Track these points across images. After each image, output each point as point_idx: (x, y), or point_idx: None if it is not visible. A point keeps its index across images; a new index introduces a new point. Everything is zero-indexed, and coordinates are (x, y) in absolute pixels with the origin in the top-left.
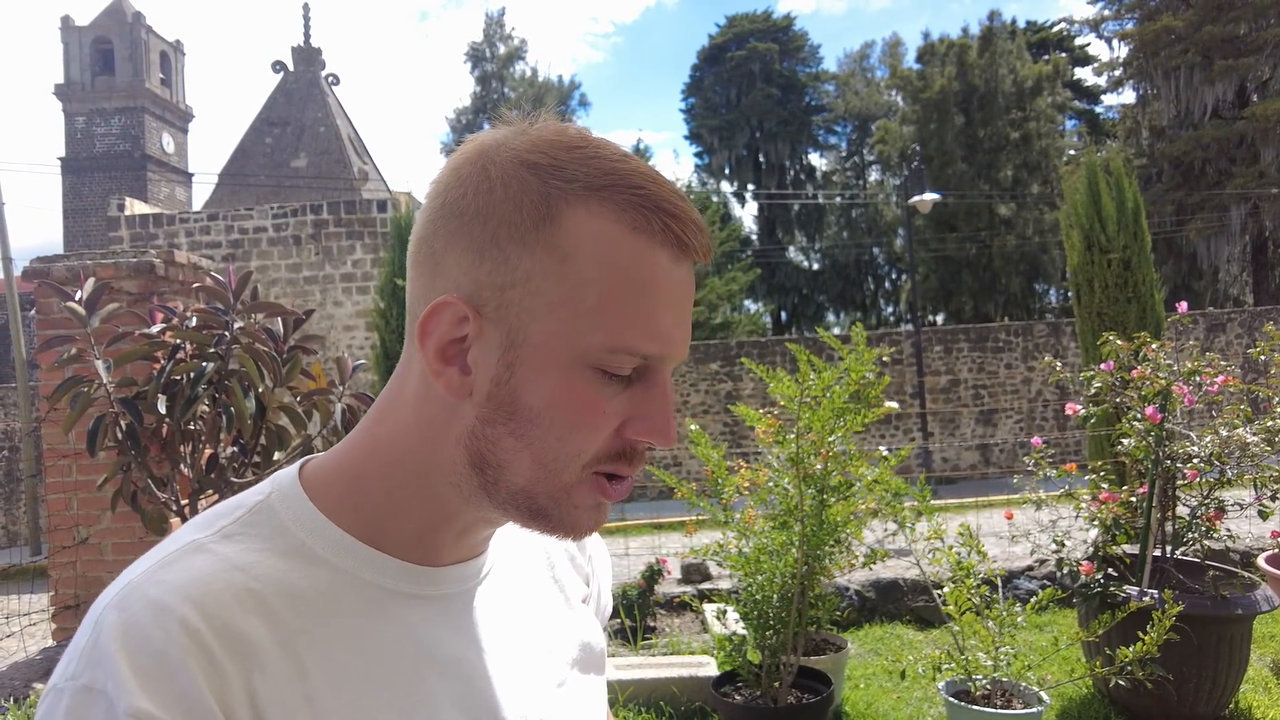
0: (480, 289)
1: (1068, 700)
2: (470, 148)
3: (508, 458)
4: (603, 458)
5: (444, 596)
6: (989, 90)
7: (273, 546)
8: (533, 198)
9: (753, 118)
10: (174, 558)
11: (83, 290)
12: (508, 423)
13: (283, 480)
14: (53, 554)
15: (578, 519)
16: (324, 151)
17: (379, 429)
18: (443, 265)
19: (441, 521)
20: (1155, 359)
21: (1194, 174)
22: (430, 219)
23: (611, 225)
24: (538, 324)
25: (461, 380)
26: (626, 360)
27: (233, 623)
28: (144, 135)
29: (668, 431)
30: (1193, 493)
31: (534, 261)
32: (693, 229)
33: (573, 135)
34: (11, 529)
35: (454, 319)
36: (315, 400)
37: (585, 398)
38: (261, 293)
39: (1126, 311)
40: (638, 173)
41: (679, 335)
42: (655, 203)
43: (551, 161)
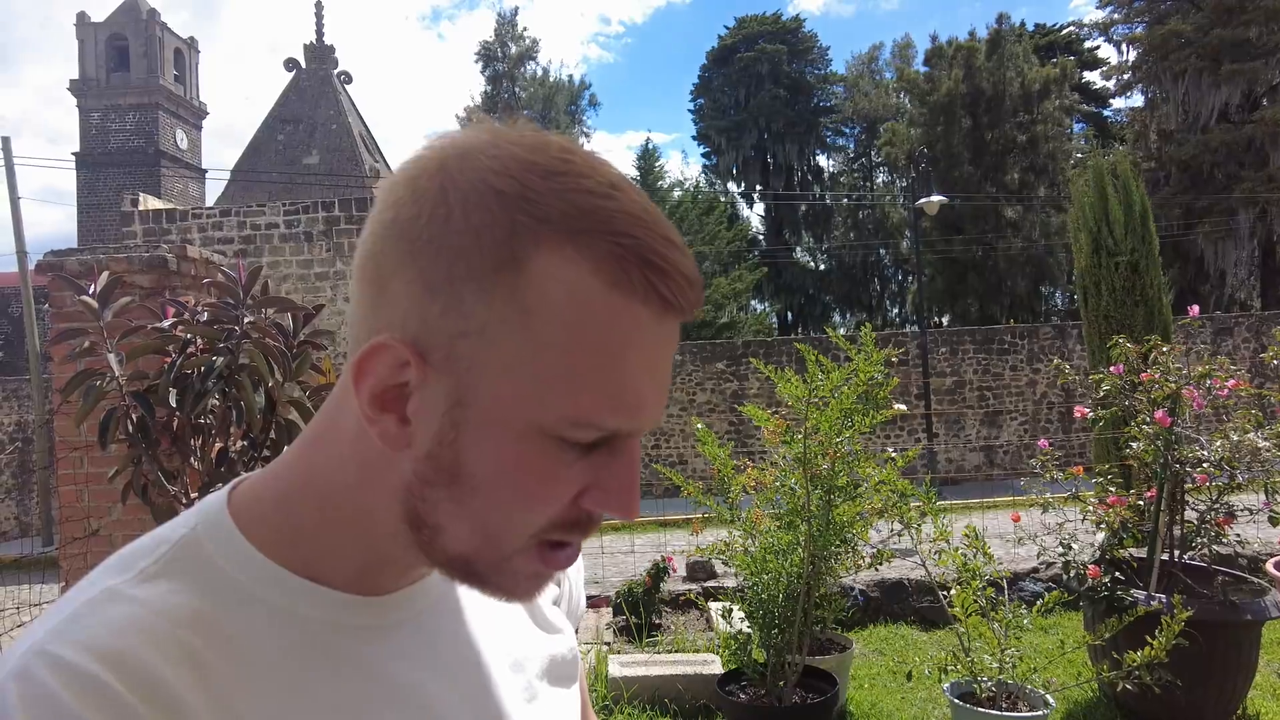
0: (429, 332)
1: (1073, 704)
2: (432, 156)
3: (444, 522)
4: (553, 527)
5: (394, 625)
6: (996, 93)
7: (198, 586)
8: (496, 235)
9: (761, 118)
10: (84, 610)
11: (96, 284)
12: (448, 487)
13: (209, 510)
14: (63, 545)
15: (515, 586)
16: (336, 149)
17: (314, 457)
18: (389, 292)
19: (382, 562)
20: (1165, 362)
21: (1202, 178)
22: (379, 233)
23: (587, 278)
24: (490, 384)
25: (399, 430)
26: (589, 432)
27: (157, 679)
28: (158, 131)
29: (630, 505)
30: (1202, 497)
31: (491, 311)
32: (681, 285)
33: (552, 156)
34: (24, 520)
35: (394, 363)
36: (324, 395)
37: (538, 469)
38: (273, 288)
39: (1134, 315)
40: (624, 213)
41: (653, 404)
42: (641, 254)
43: (522, 191)
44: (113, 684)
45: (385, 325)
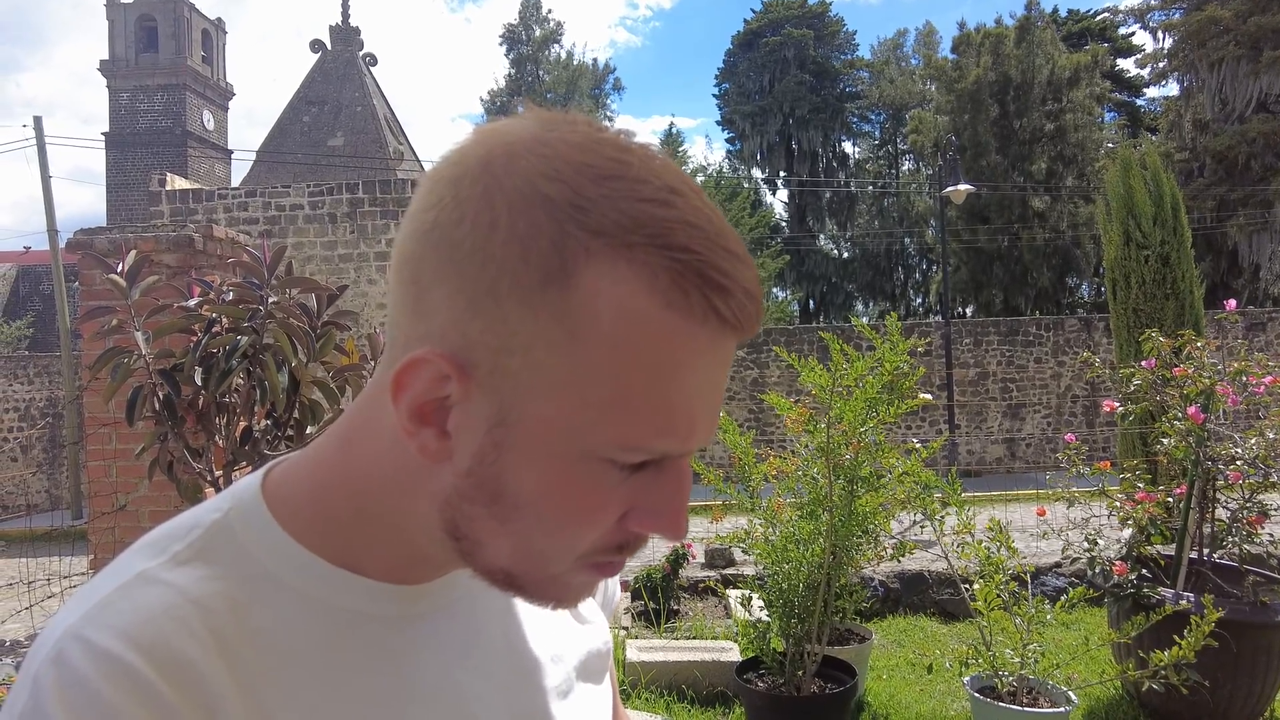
0: (471, 346)
1: (1095, 701)
2: (475, 154)
3: (485, 538)
4: (597, 550)
5: (427, 614)
6: (1025, 80)
7: (232, 573)
8: (543, 247)
9: (785, 104)
10: (118, 595)
11: (124, 263)
12: (489, 505)
13: (243, 495)
14: (92, 519)
15: (562, 596)
16: (360, 131)
17: (350, 453)
18: (428, 301)
19: (418, 558)
20: (1199, 357)
21: (1237, 169)
22: (418, 237)
23: (640, 296)
24: (536, 404)
25: (439, 444)
26: (638, 455)
27: (190, 668)
28: (185, 112)
29: (677, 527)
30: (1234, 495)
31: (538, 329)
32: (742, 302)
33: (606, 155)
34: (54, 493)
35: (435, 377)
36: (348, 376)
37: (582, 492)
38: (297, 269)
39: (1164, 308)
40: (683, 224)
41: (704, 425)
42: (700, 270)
43: (573, 197)
44: (146, 672)
45: (425, 335)
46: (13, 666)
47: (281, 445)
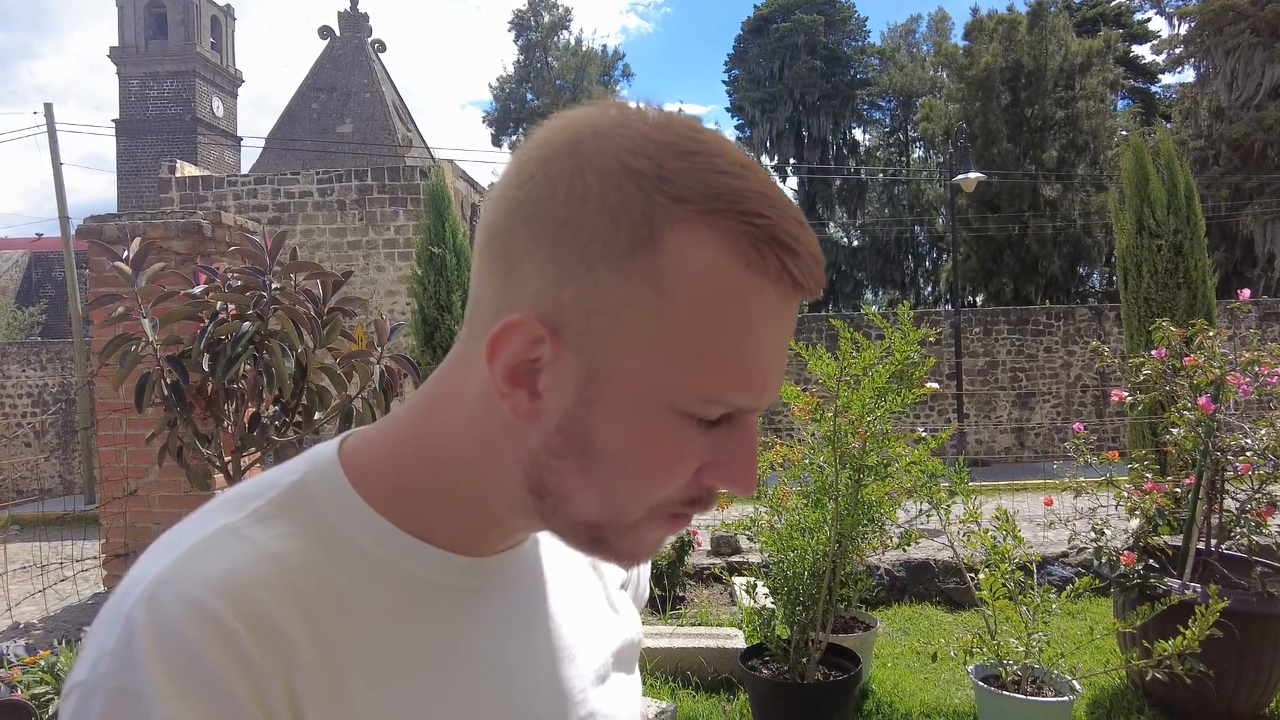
0: (562, 310)
1: (1100, 690)
2: (563, 137)
3: (572, 491)
4: (674, 502)
5: (487, 588)
6: (1037, 67)
7: (308, 533)
8: (633, 215)
9: (795, 90)
10: (204, 546)
11: (130, 250)
12: (578, 459)
13: (320, 459)
14: (103, 504)
15: (638, 549)
16: (369, 118)
17: (430, 425)
18: (519, 272)
19: (490, 525)
20: (1210, 347)
21: (1253, 157)
22: (508, 213)
23: (721, 259)
24: (624, 361)
25: (530, 405)
26: (717, 409)
27: (270, 620)
28: (195, 99)
29: (749, 481)
30: (1243, 486)
31: (627, 291)
32: (810, 265)
33: (683, 134)
34: (67, 478)
35: (528, 340)
36: (355, 362)
37: (666, 444)
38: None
39: (1176, 298)
40: (756, 193)
41: (775, 383)
42: (774, 235)
43: (658, 170)
44: (230, 621)
45: (517, 303)
46: (25, 648)
47: (289, 431)
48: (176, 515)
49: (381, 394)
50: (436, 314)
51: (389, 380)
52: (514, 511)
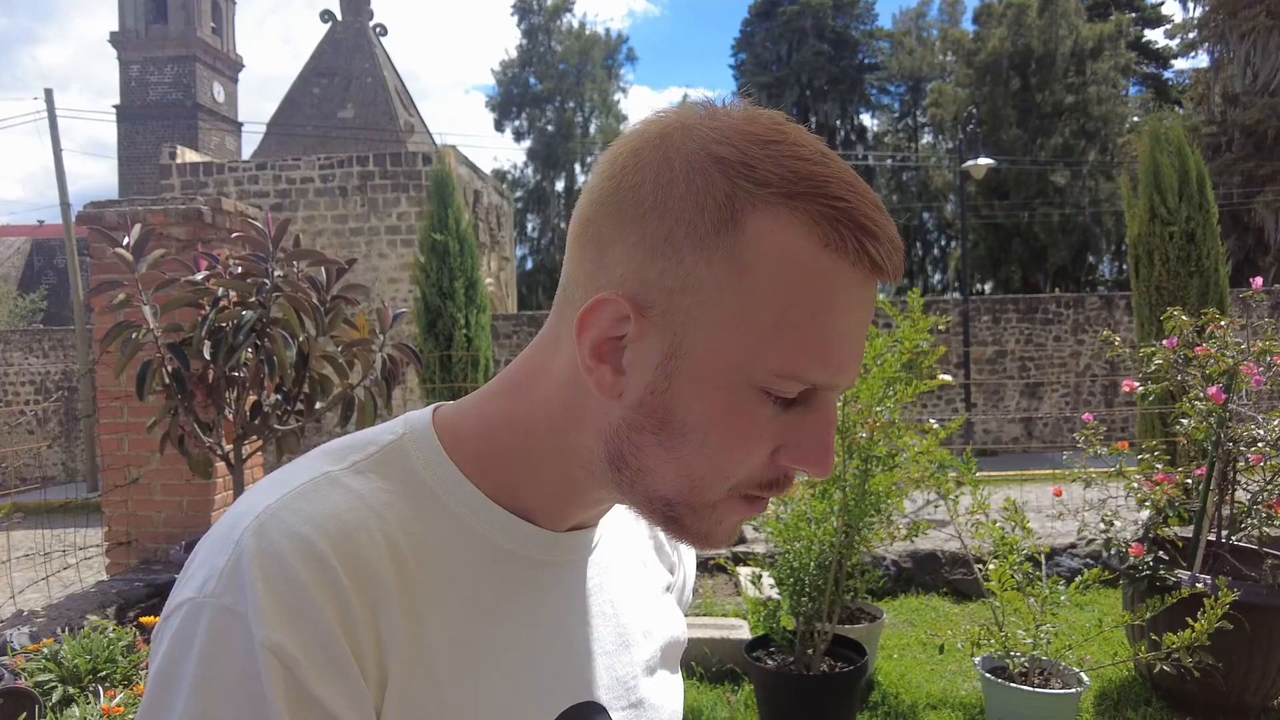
0: (647, 289)
1: (1107, 682)
2: (653, 129)
3: (651, 465)
4: (751, 483)
5: (558, 564)
6: (1047, 52)
7: (402, 490)
8: (717, 198)
9: (803, 75)
10: (310, 488)
11: (130, 236)
12: (657, 433)
13: (416, 424)
14: (106, 492)
15: (713, 532)
16: (370, 103)
17: (518, 399)
18: (609, 256)
19: (570, 495)
20: (1223, 336)
21: (1266, 143)
22: (600, 201)
23: (801, 239)
24: (705, 337)
25: (614, 379)
26: (794, 386)
27: (366, 565)
28: (195, 84)
29: (825, 462)
30: (1254, 477)
31: (710, 269)
32: (889, 249)
33: (766, 125)
34: (70, 465)
35: (615, 317)
36: (356, 351)
37: (743, 420)
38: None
39: (1188, 286)
40: (837, 179)
41: (853, 363)
42: (853, 217)
43: (742, 158)
44: (331, 559)
45: (605, 284)
46: (28, 636)
47: (291, 419)
48: (178, 503)
49: (384, 382)
50: (439, 301)
51: (391, 368)
52: (594, 482)
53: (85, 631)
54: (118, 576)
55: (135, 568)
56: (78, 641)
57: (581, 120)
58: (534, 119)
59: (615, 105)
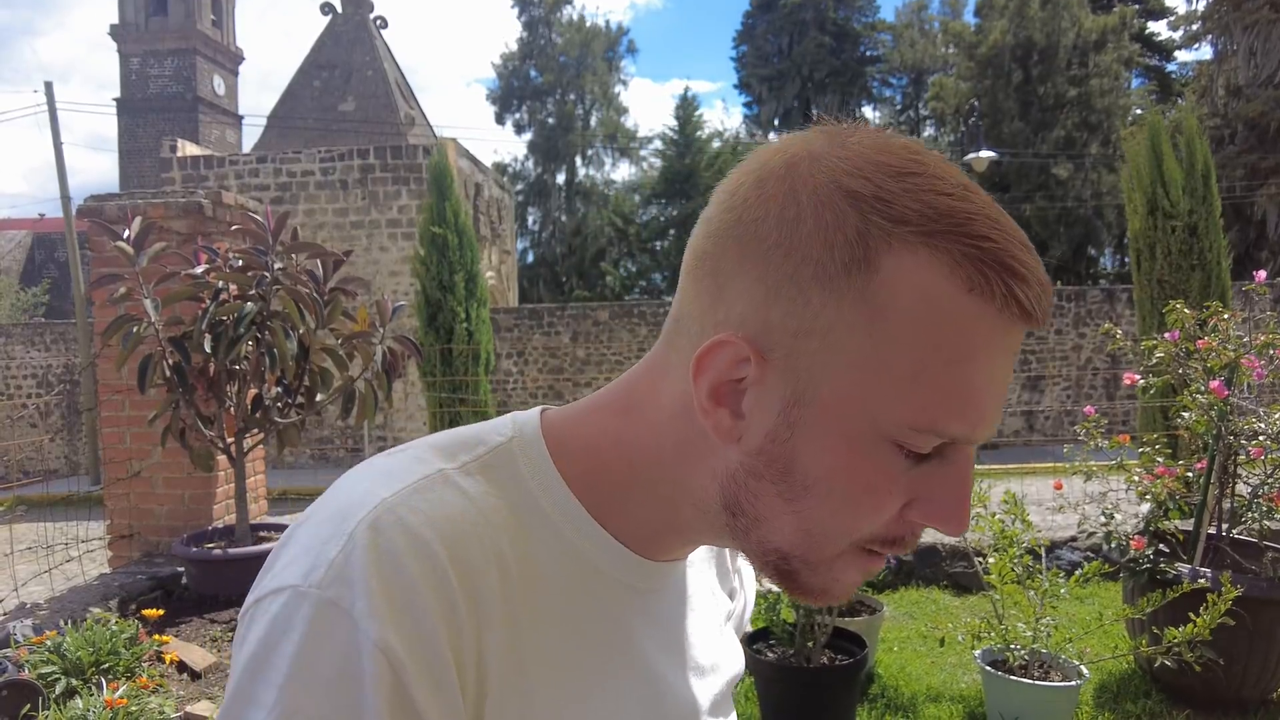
0: (769, 330)
1: (1107, 675)
2: (778, 158)
3: (768, 514)
4: (874, 539)
5: (650, 592)
6: (1050, 44)
7: (509, 498)
8: (848, 235)
9: (804, 67)
10: (426, 485)
11: (130, 229)
12: (778, 482)
13: (525, 428)
14: (107, 486)
15: (829, 589)
16: (371, 96)
17: (628, 421)
18: (728, 292)
19: (674, 530)
20: (1225, 329)
21: (1269, 135)
22: (719, 233)
23: (942, 281)
24: (832, 384)
25: (732, 424)
26: (930, 440)
27: (476, 573)
28: (196, 77)
29: (961, 520)
30: (1255, 471)
31: (839, 312)
32: (1039, 292)
33: (901, 155)
34: (73, 459)
35: (734, 359)
36: (356, 343)
37: (872, 474)
38: (308, 237)
39: (1190, 280)
40: (982, 215)
41: (995, 415)
42: (999, 258)
43: (876, 191)
44: (447, 568)
45: (724, 321)
46: (31, 628)
47: (292, 412)
48: (180, 497)
49: (384, 375)
50: (439, 294)
51: (391, 361)
52: (702, 522)
53: (88, 624)
54: (120, 569)
55: (137, 561)
56: (80, 634)
57: (582, 113)
58: (534, 112)
59: (616, 98)
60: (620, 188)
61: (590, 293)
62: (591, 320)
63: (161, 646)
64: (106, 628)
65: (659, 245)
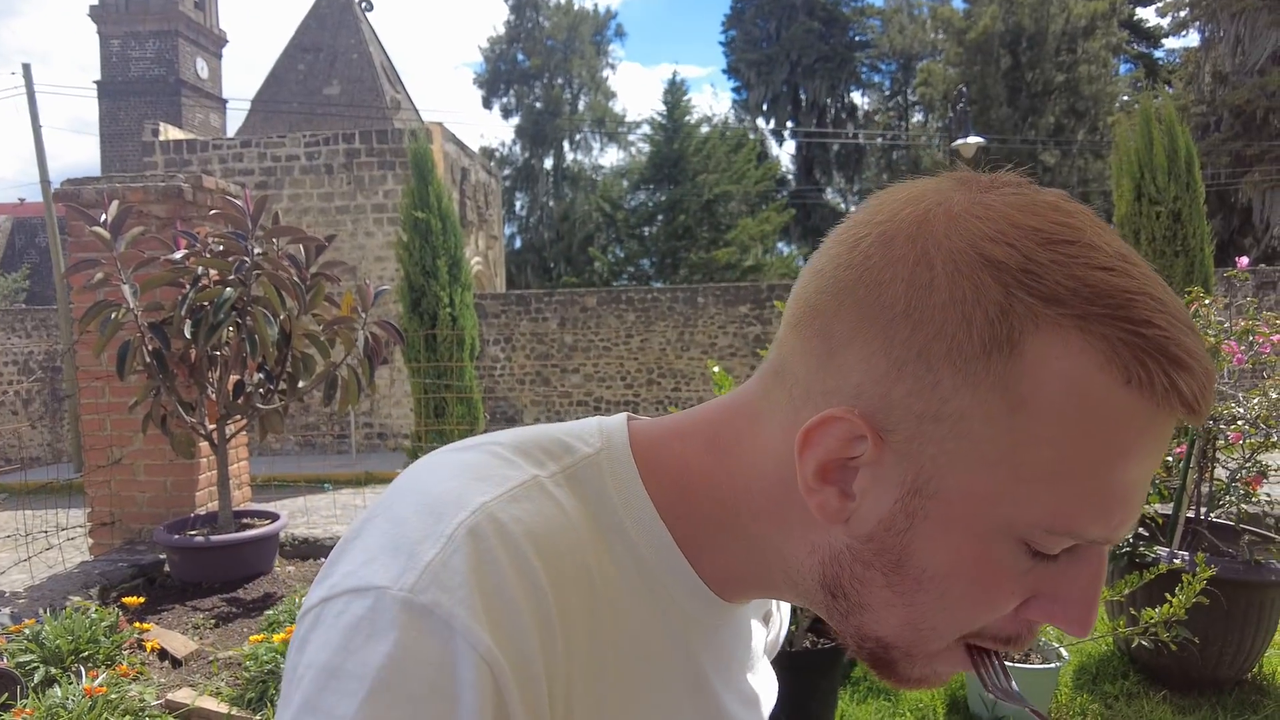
0: (890, 410)
1: (1086, 657)
2: (908, 214)
3: (874, 604)
4: (986, 636)
5: (717, 628)
6: (1039, 30)
7: (594, 514)
8: (989, 313)
9: (793, 52)
10: (523, 493)
11: (107, 213)
12: (889, 574)
13: (614, 439)
14: (88, 473)
15: (925, 679)
16: (356, 79)
17: (715, 461)
18: (842, 359)
19: (760, 587)
20: (1206, 315)
21: (1255, 123)
22: (835, 293)
23: (1096, 372)
24: (960, 477)
25: (840, 504)
26: (1063, 541)
27: (569, 593)
28: (178, 60)
29: (1086, 622)
30: (1234, 455)
31: (974, 399)
32: (1204, 383)
33: (1052, 219)
34: (56, 446)
35: (847, 437)
36: (338, 329)
37: (994, 573)
38: (293, 221)
39: (1174, 265)
40: (1144, 295)
41: (1136, 514)
42: (1164, 347)
43: (1024, 262)
44: (544, 580)
45: (837, 391)
46: (9, 617)
47: (274, 398)
48: (162, 483)
49: (366, 360)
50: (423, 280)
51: (374, 346)
52: (793, 592)
53: (67, 612)
54: (101, 557)
55: (119, 548)
56: (59, 622)
57: (570, 97)
58: (522, 96)
59: (604, 82)
60: (608, 173)
61: (578, 278)
62: (579, 306)
63: (142, 634)
64: (86, 616)
65: (647, 231)
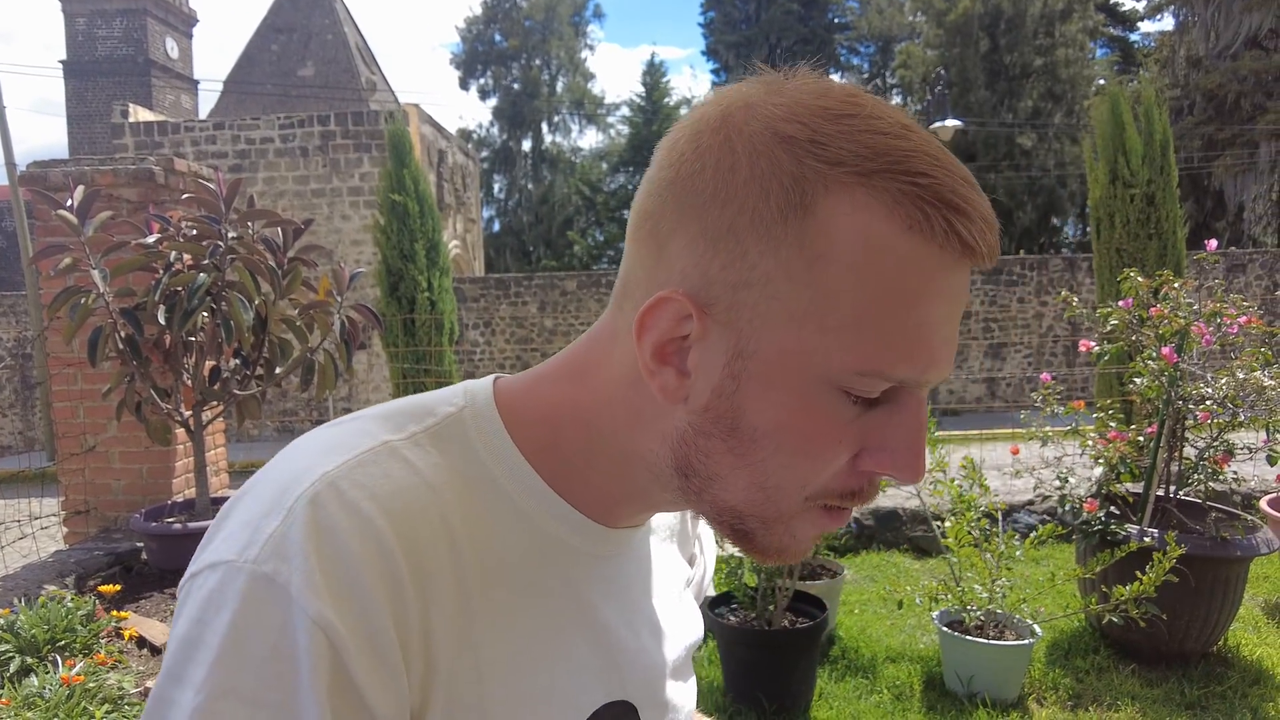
0: (710, 285)
1: (1059, 633)
2: (713, 111)
3: (720, 472)
4: (830, 492)
5: (608, 558)
6: (1017, 13)
7: (460, 469)
8: (783, 181)
9: (772, 34)
10: (370, 458)
11: (73, 197)
12: (727, 439)
13: (477, 396)
14: (61, 461)
15: (786, 546)
16: (331, 60)
17: (579, 390)
18: (669, 250)
19: (631, 497)
20: (1176, 297)
21: (1226, 108)
22: (658, 192)
23: (880, 222)
24: (773, 334)
25: (678, 383)
26: (878, 384)
27: (423, 549)
28: (147, 39)
29: (915, 466)
30: (1202, 434)
31: (777, 261)
32: (983, 228)
33: (839, 98)
34: (29, 434)
35: (676, 317)
36: (315, 313)
37: (820, 423)
38: (268, 205)
39: (1147, 248)
40: (920, 153)
41: (945, 355)
42: (940, 194)
43: (811, 135)
44: (390, 540)
45: (666, 280)
46: None
47: (251, 384)
48: (138, 471)
49: (344, 345)
50: (400, 263)
51: (351, 330)
52: (657, 486)
53: (42, 601)
54: (76, 546)
55: (94, 537)
56: (35, 612)
57: (548, 78)
58: (499, 77)
59: (582, 63)
60: (587, 155)
61: (557, 262)
62: (559, 290)
63: (120, 622)
64: (62, 605)
65: (627, 214)
